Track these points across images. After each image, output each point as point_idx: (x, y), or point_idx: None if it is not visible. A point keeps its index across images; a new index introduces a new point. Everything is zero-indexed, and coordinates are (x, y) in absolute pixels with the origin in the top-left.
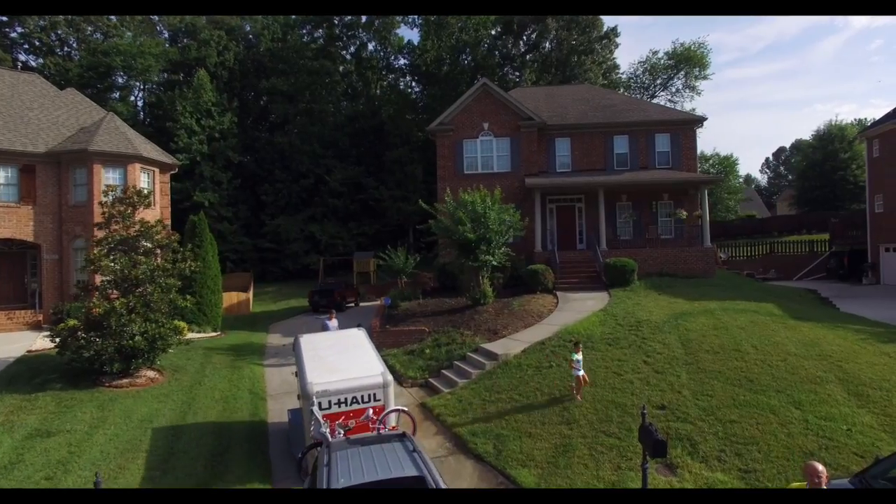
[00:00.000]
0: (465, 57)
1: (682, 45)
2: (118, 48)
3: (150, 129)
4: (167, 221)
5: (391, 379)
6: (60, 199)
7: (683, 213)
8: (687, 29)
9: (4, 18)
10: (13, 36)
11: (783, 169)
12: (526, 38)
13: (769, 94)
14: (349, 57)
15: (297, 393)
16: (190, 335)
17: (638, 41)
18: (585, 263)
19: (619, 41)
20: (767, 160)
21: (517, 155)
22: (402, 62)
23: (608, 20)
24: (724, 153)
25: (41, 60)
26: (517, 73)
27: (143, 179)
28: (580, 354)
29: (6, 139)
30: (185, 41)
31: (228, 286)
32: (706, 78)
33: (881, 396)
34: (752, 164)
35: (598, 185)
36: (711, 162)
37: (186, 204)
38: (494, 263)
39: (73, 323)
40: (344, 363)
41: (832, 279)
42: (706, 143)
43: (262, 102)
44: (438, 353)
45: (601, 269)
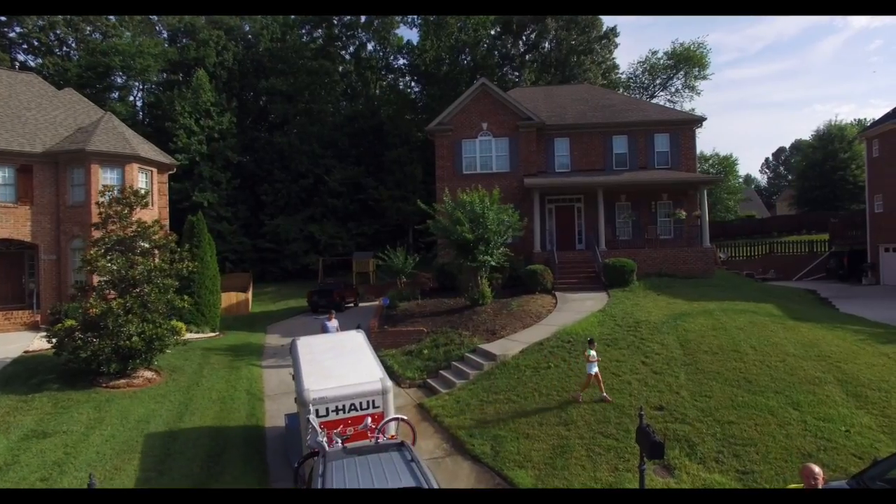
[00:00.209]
0: (464, 57)
1: (681, 45)
2: (117, 48)
3: (148, 129)
4: (165, 221)
5: (391, 385)
6: (58, 199)
7: (682, 213)
8: (686, 29)
9: (3, 18)
10: (12, 36)
11: (783, 169)
12: (525, 38)
13: (769, 94)
14: (348, 57)
15: (294, 394)
16: (188, 335)
17: (637, 41)
18: (584, 264)
19: (618, 41)
20: (767, 160)
21: (516, 155)
22: (401, 62)
23: (607, 20)
24: (723, 153)
25: (40, 60)
26: (516, 73)
27: (140, 179)
28: (595, 350)
29: (3, 139)
30: (183, 41)
31: (227, 286)
32: (705, 78)
33: (880, 397)
34: (751, 164)
35: (597, 185)
36: (711, 162)
37: (186, 204)
38: (493, 264)
39: (70, 323)
40: (342, 368)
41: (832, 279)
42: (706, 143)
43: (261, 102)
44: (436, 353)
45: (600, 269)
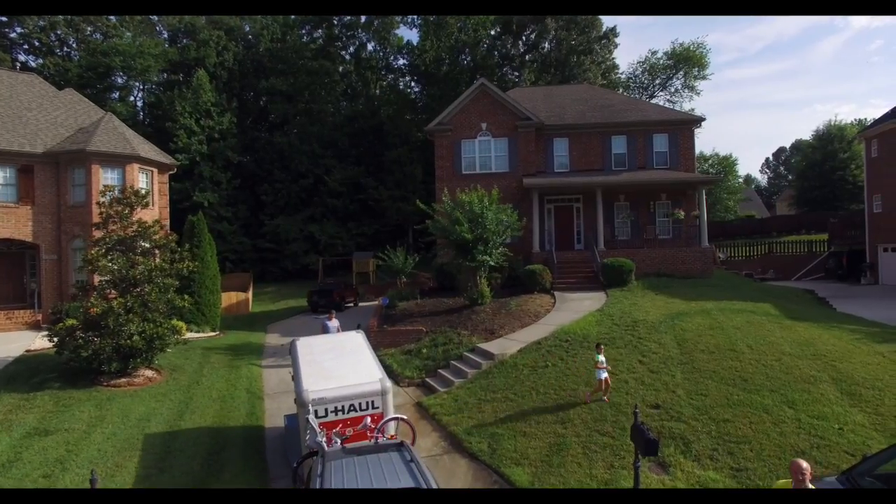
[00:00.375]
0: (464, 57)
1: (681, 45)
2: (117, 48)
3: (149, 129)
4: (166, 221)
5: (390, 385)
6: (59, 199)
7: (681, 213)
8: (686, 29)
9: (4, 19)
10: (12, 36)
11: (783, 169)
12: (525, 38)
13: (769, 94)
14: (348, 57)
15: (293, 394)
16: (188, 335)
17: (637, 41)
18: (583, 263)
19: (618, 41)
20: (767, 160)
21: (515, 155)
22: (401, 62)
23: (607, 20)
24: (723, 153)
25: (41, 60)
26: (516, 73)
27: (141, 180)
28: (603, 355)
29: (4, 139)
30: (184, 41)
31: (227, 286)
32: (705, 78)
33: (873, 396)
34: (752, 164)
35: (596, 185)
36: (711, 162)
37: (186, 204)
38: (492, 263)
39: (71, 323)
40: (341, 369)
41: (831, 279)
42: (706, 143)
43: (261, 102)
44: (435, 352)
45: (599, 269)
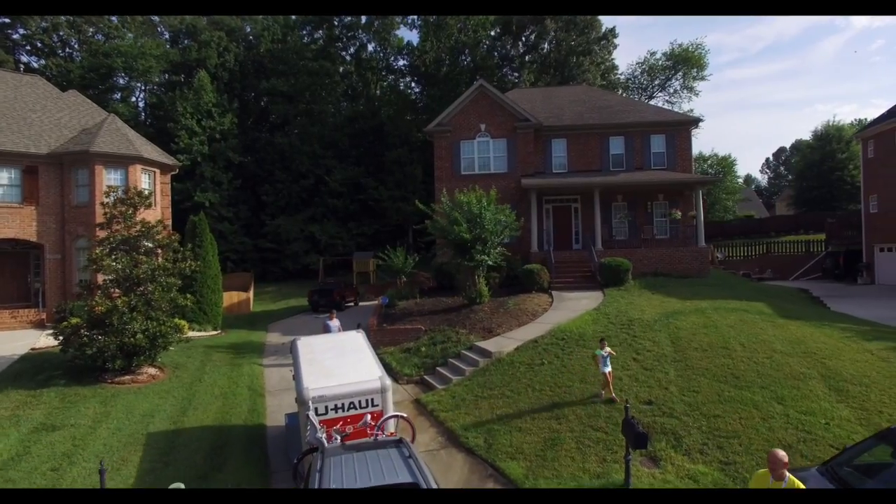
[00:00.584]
0: (464, 58)
1: (679, 45)
2: (119, 49)
3: (151, 129)
4: (168, 222)
5: (390, 384)
6: (63, 199)
7: (678, 213)
8: (687, 29)
9: (7, 20)
10: (15, 37)
11: (783, 169)
12: (525, 39)
13: (770, 94)
14: (349, 58)
15: (294, 392)
16: (190, 334)
17: (638, 41)
18: (581, 263)
19: (617, 42)
20: (767, 160)
21: (514, 156)
22: (401, 63)
23: (607, 21)
24: (723, 153)
25: (43, 62)
26: (516, 73)
27: (143, 180)
28: (607, 351)
29: (9, 140)
30: (185, 42)
31: (229, 286)
32: (703, 79)
33: (860, 392)
34: (752, 164)
35: (593, 185)
36: (710, 162)
37: (187, 204)
38: (490, 263)
39: (75, 321)
40: (342, 367)
41: (828, 279)
42: (707, 143)
43: (262, 103)
44: (434, 350)
45: (596, 268)
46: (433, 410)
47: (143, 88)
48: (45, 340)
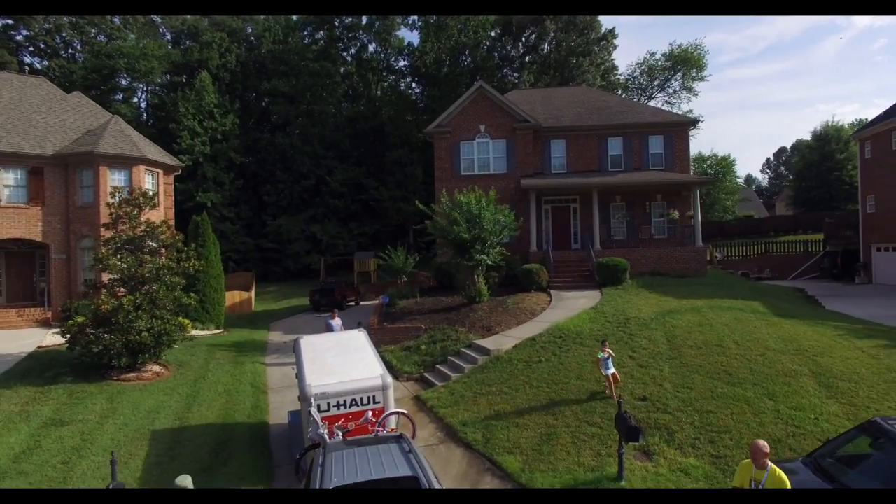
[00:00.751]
0: (464, 58)
1: (678, 46)
2: (121, 50)
3: (153, 130)
4: (171, 222)
5: (391, 381)
6: (68, 200)
7: (676, 213)
8: (688, 29)
9: (10, 21)
10: (18, 39)
11: (784, 169)
12: (525, 39)
13: (771, 94)
14: (350, 58)
15: (296, 389)
16: (193, 332)
17: (639, 41)
18: (579, 263)
19: (617, 42)
20: (768, 160)
21: (513, 156)
22: (402, 64)
23: (606, 22)
24: (723, 154)
25: (46, 63)
26: (516, 74)
27: (147, 181)
28: (607, 353)
29: (15, 142)
30: (187, 43)
31: (231, 286)
32: (703, 79)
33: (849, 388)
34: (754, 163)
35: (592, 186)
36: (710, 162)
37: (189, 204)
38: (489, 263)
39: (81, 320)
40: (343, 365)
41: (826, 279)
42: (708, 143)
43: (263, 104)
44: (433, 349)
45: (594, 268)
46: (433, 407)
47: (145, 89)
48: (51, 338)
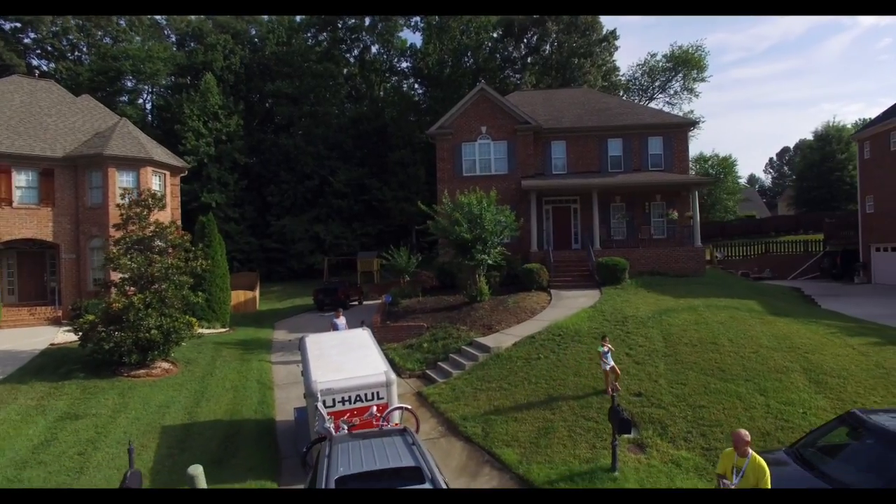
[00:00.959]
0: (466, 59)
1: (679, 47)
2: (127, 53)
3: (158, 131)
4: (178, 222)
5: (394, 378)
6: (77, 201)
7: (675, 213)
8: (690, 29)
9: (18, 24)
10: (26, 41)
11: (786, 169)
12: (526, 41)
13: (775, 93)
14: (353, 60)
15: (302, 386)
16: (200, 330)
17: (642, 41)
18: (579, 262)
19: (618, 44)
20: (771, 160)
21: (514, 157)
22: (404, 65)
23: (607, 23)
24: (723, 154)
25: (53, 65)
26: (518, 75)
27: (154, 182)
28: (607, 347)
29: (27, 145)
30: (192, 45)
31: (235, 285)
32: (704, 80)
33: (838, 384)
34: (757, 163)
35: (592, 186)
36: (711, 163)
37: (194, 205)
38: (490, 262)
39: (91, 318)
40: (348, 362)
41: (826, 278)
42: (710, 142)
43: (267, 105)
44: (435, 346)
45: (594, 267)
46: (434, 402)
47: (150, 91)
48: (62, 336)
